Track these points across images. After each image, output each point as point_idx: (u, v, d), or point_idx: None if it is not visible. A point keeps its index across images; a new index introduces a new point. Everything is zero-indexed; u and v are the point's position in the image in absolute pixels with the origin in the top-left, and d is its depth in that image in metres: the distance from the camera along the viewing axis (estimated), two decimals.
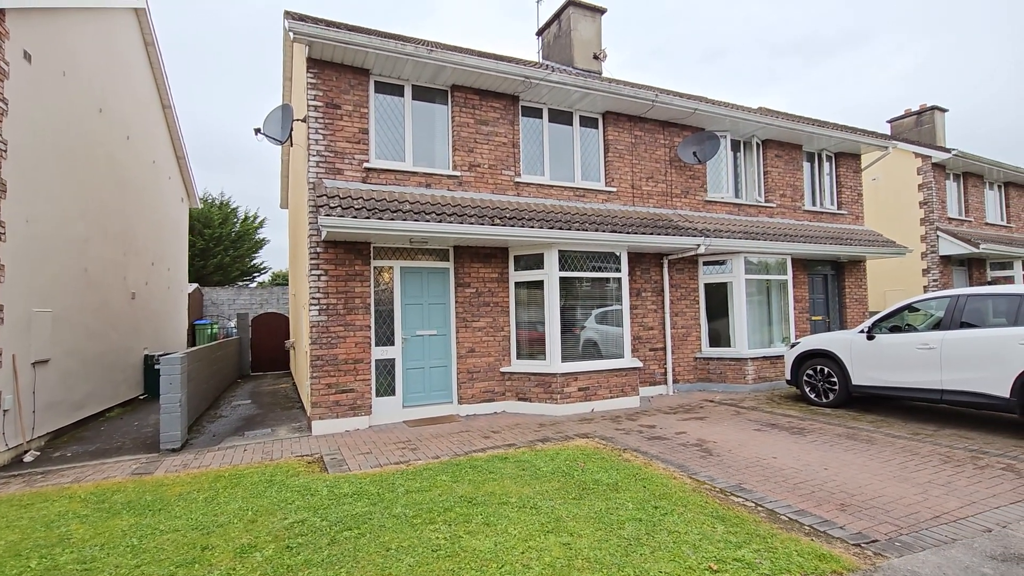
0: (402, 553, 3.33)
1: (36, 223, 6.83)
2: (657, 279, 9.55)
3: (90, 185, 8.52)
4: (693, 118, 9.82)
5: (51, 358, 7.19)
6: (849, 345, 7.47)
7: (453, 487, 4.56)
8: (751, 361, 9.40)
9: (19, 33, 6.52)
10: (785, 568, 3.04)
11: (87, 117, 8.52)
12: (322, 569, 3.17)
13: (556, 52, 12.52)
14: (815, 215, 11.65)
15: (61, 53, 7.67)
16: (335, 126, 7.34)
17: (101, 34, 9.18)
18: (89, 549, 3.56)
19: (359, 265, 7.35)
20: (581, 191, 9.06)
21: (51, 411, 7.22)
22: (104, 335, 9.00)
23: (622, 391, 8.22)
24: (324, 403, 7.03)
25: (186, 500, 4.47)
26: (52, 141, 7.31)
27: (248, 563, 3.28)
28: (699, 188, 10.21)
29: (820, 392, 7.87)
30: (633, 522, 3.71)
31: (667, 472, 4.89)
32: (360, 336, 7.30)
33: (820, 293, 11.76)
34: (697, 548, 3.30)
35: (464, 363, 7.94)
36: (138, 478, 5.24)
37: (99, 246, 8.84)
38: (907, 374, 6.72)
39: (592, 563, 3.14)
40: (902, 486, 4.42)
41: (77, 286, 8.06)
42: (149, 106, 11.80)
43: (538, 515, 3.87)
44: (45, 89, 7.16)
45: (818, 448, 5.62)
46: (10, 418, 6.22)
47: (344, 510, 4.09)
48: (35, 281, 6.82)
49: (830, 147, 11.86)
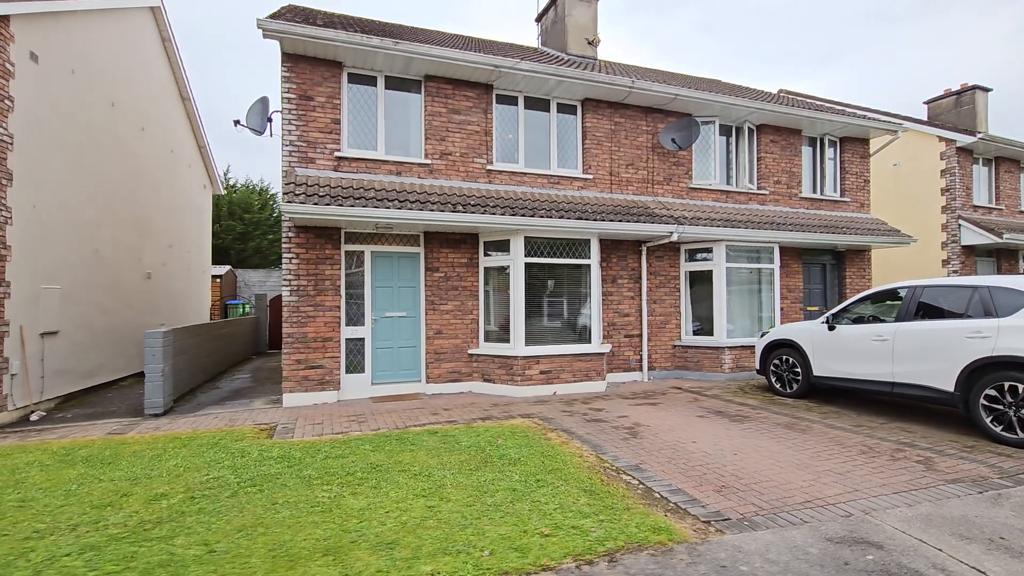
0: (283, 507, 3.71)
1: (43, 209, 7.58)
2: (635, 266, 9.58)
3: (100, 173, 9.30)
4: (676, 103, 9.71)
5: (60, 330, 8.00)
6: (811, 336, 7.36)
7: (369, 455, 4.92)
8: (728, 350, 9.33)
9: (25, 36, 7.20)
10: (613, 536, 3.23)
11: (98, 111, 9.27)
12: (208, 515, 3.59)
13: (553, 38, 12.52)
14: (813, 202, 11.29)
15: (70, 52, 8.38)
16: (308, 117, 7.74)
17: (115, 33, 9.91)
18: (34, 491, 4.12)
19: (329, 249, 7.78)
20: (556, 178, 9.17)
21: (61, 377, 8.06)
22: (116, 311, 9.86)
23: (587, 376, 8.38)
24: (294, 378, 7.55)
25: (136, 456, 5.02)
26: (60, 133, 8.04)
27: (151, 508, 3.74)
28: (683, 175, 10.11)
29: (785, 382, 7.79)
30: (506, 492, 3.96)
31: (577, 451, 5.09)
32: (330, 316, 7.75)
33: (818, 283, 11.43)
34: (546, 515, 3.52)
35: (432, 344, 8.29)
36: (110, 437, 5.87)
37: (111, 229, 9.65)
38: (862, 366, 6.59)
39: (441, 523, 3.43)
40: (799, 473, 4.46)
41: (87, 266, 8.86)
42: (166, 98, 12.61)
43: (426, 482, 4.18)
44: (52, 86, 7.87)
45: (745, 435, 5.66)
46: (18, 382, 7.02)
47: (261, 470, 4.52)
48: (43, 260, 7.59)
49: (833, 132, 11.41)
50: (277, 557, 3.01)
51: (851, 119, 11.04)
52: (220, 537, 3.27)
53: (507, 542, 3.15)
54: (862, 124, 11.16)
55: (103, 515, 3.63)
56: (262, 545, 3.15)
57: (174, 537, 3.28)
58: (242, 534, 3.30)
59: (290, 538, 3.24)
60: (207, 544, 3.17)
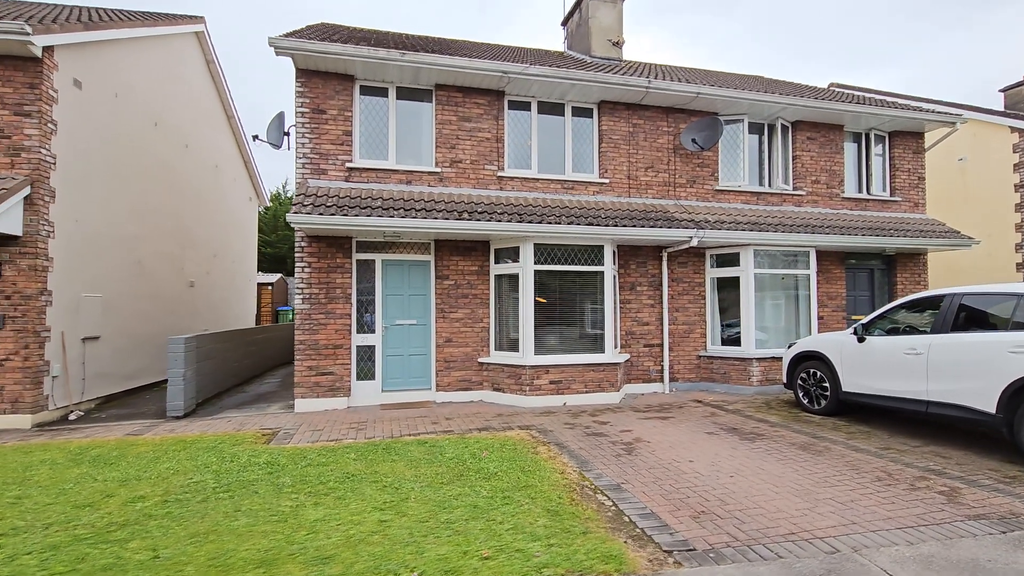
0: (244, 515, 3.75)
1: (85, 223, 8.17)
2: (655, 273, 9.20)
3: (143, 189, 9.95)
4: (699, 102, 9.28)
5: (101, 336, 8.59)
6: (840, 348, 6.77)
7: (350, 464, 4.92)
8: (756, 362, 8.77)
9: (68, 64, 7.81)
10: (556, 563, 3.03)
11: (141, 130, 9.94)
12: (171, 520, 3.68)
13: (577, 41, 12.35)
14: (858, 203, 10.45)
15: (113, 77, 9.03)
16: (320, 130, 7.96)
17: (159, 57, 10.62)
18: (33, 489, 4.39)
19: (340, 258, 7.94)
20: (570, 184, 8.96)
21: (102, 380, 8.64)
22: (158, 318, 10.49)
23: (599, 387, 8.09)
24: (305, 384, 7.73)
25: (138, 458, 5.26)
26: (102, 153, 8.66)
27: (125, 510, 3.88)
28: (708, 177, 9.63)
29: (813, 398, 7.20)
30: (467, 508, 3.83)
31: (561, 466, 4.88)
32: (340, 323, 7.89)
33: (864, 290, 10.56)
34: (495, 536, 3.37)
35: (442, 352, 8.28)
36: (125, 438, 6.20)
37: (153, 242, 10.30)
38: (893, 382, 5.98)
39: (386, 539, 3.35)
40: (794, 500, 4.07)
41: (129, 276, 9.49)
42: (211, 116, 13.38)
43: (390, 494, 4.12)
44: (95, 109, 8.50)
45: (751, 456, 5.25)
46: (58, 383, 7.58)
47: (241, 476, 4.61)
48: (84, 271, 8.18)
49: (881, 126, 10.55)
50: (213, 567, 3.02)
51: (899, 111, 10.15)
52: (171, 543, 3.33)
53: (442, 563, 3.03)
54: (914, 117, 10.25)
55: (79, 515, 3.80)
56: (205, 553, 3.18)
57: (130, 541, 3.38)
58: (192, 541, 3.35)
59: (234, 547, 3.25)
60: (155, 550, 3.24)
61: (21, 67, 7.12)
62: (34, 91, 7.16)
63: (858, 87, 14.88)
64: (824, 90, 11.91)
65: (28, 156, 7.11)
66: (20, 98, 7.13)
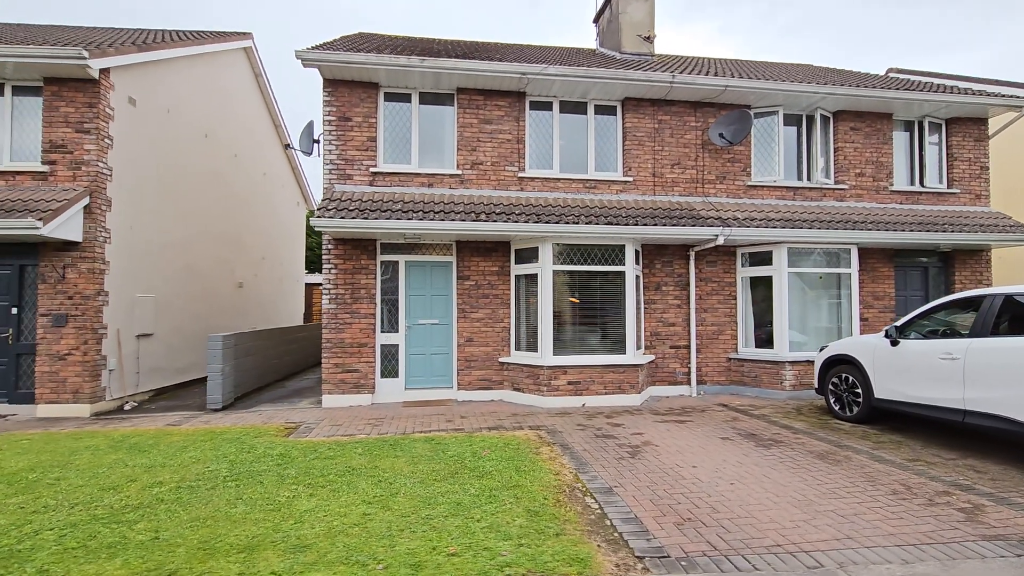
0: (243, 503, 4.00)
1: (139, 229, 8.89)
2: (682, 272, 8.95)
3: (193, 197, 10.69)
4: (728, 95, 8.94)
5: (154, 333, 9.31)
6: (872, 351, 6.35)
7: (354, 459, 5.12)
8: (790, 365, 8.36)
9: (123, 84, 8.52)
10: (520, 563, 3.05)
11: (192, 142, 10.68)
12: (178, 505, 3.97)
13: (608, 37, 12.18)
14: (909, 196, 9.74)
15: (166, 94, 9.76)
16: (346, 137, 8.28)
17: (209, 72, 11.37)
18: (72, 471, 4.85)
19: (365, 259, 8.23)
20: (592, 183, 8.88)
21: (155, 374, 9.37)
22: (208, 316, 11.24)
23: (619, 388, 7.97)
24: (332, 380, 8.07)
25: (168, 447, 5.69)
26: (155, 164, 9.38)
27: (142, 494, 4.22)
28: (740, 172, 9.26)
29: (845, 404, 6.80)
30: (450, 505, 3.91)
31: (558, 467, 4.87)
32: (365, 323, 8.18)
33: (917, 289, 9.83)
34: (468, 534, 3.42)
35: (463, 351, 8.41)
36: (163, 428, 6.71)
37: (203, 246, 11.05)
38: (928, 388, 5.56)
39: (364, 531, 3.48)
40: (792, 510, 3.88)
41: (181, 277, 10.23)
42: (260, 127, 14.17)
43: (382, 489, 4.26)
44: (148, 124, 9.22)
45: (761, 463, 5.04)
46: (114, 376, 8.29)
47: (252, 467, 4.90)
48: (139, 273, 8.89)
49: (936, 112, 9.78)
50: (201, 549, 3.25)
51: (956, 96, 9.37)
52: (172, 526, 3.60)
53: (409, 557, 3.12)
54: (974, 101, 9.43)
55: (102, 497, 4.17)
56: (198, 537, 3.42)
57: (138, 522, 3.68)
58: (191, 525, 3.61)
59: (225, 533, 3.48)
60: (156, 532, 3.51)
61: (81, 88, 7.83)
62: (92, 109, 7.87)
63: (920, 71, 13.84)
64: (872, 76, 11.16)
65: (87, 169, 7.82)
66: (80, 116, 7.85)
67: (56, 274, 7.69)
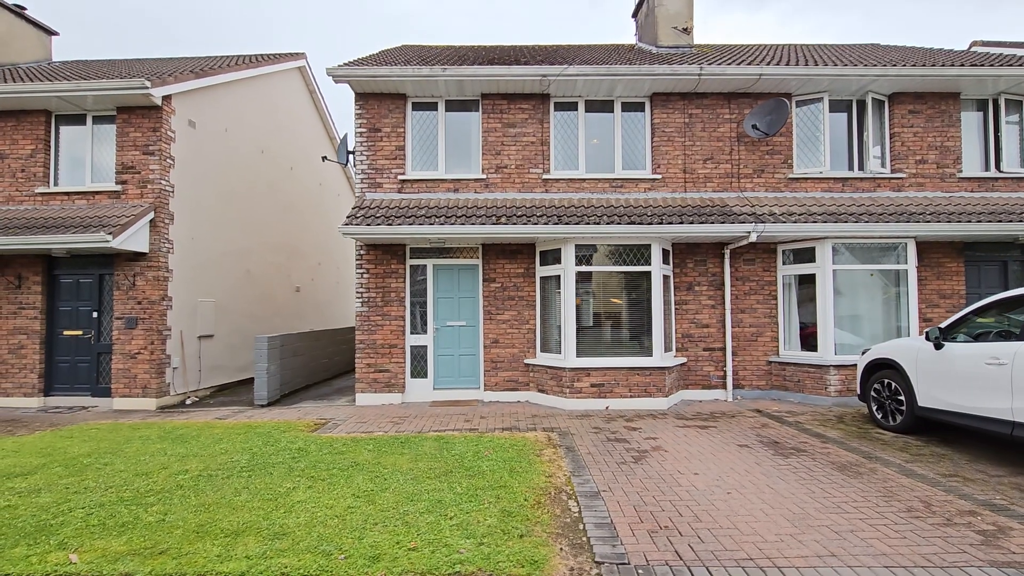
0: (247, 492, 4.34)
1: (199, 240, 9.77)
2: (716, 271, 8.58)
3: (251, 208, 11.58)
4: (763, 84, 8.47)
5: (215, 334, 10.19)
6: (915, 355, 5.81)
7: (362, 454, 5.38)
8: (835, 369, 7.80)
9: (184, 108, 9.41)
10: (473, 561, 3.11)
11: (249, 158, 11.57)
12: (193, 492, 4.37)
13: (646, 31, 11.90)
14: (982, 183, 8.76)
15: (223, 115, 10.65)
16: (376, 147, 8.67)
17: (265, 92, 12.26)
18: (119, 457, 5.45)
19: (395, 264, 8.57)
20: (619, 182, 8.72)
21: (216, 371, 10.24)
22: (266, 319, 12.12)
23: (645, 391, 7.78)
24: (365, 380, 8.47)
25: (207, 438, 6.24)
26: (214, 180, 10.27)
27: (168, 480, 4.69)
28: (780, 164, 8.74)
29: (888, 412, 6.25)
30: (431, 502, 4.04)
31: (554, 470, 4.86)
32: (395, 325, 8.52)
33: (993, 286, 8.82)
34: (436, 530, 3.53)
35: (489, 353, 8.54)
36: (210, 421, 7.35)
37: (261, 253, 11.93)
38: (973, 397, 5.02)
39: (342, 523, 3.67)
40: (781, 523, 3.67)
41: (240, 283, 11.11)
42: (315, 139, 15.07)
43: (375, 484, 4.46)
44: (208, 144, 10.10)
45: (770, 473, 4.77)
46: (178, 374, 9.16)
47: (269, 459, 5.28)
48: (200, 280, 9.77)
49: (1015, 88, 8.74)
50: (196, 532, 3.58)
51: None
52: (179, 510, 3.98)
53: (372, 550, 3.27)
54: None
55: (133, 482, 4.67)
56: (197, 521, 3.77)
57: (154, 505, 4.10)
58: (196, 510, 3.98)
59: (221, 518, 3.80)
60: (165, 514, 3.90)
61: (145, 115, 8.74)
62: (156, 133, 8.76)
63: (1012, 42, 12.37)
64: (941, 52, 10.13)
65: (152, 187, 8.71)
66: (146, 140, 8.76)
67: (127, 282, 8.63)
